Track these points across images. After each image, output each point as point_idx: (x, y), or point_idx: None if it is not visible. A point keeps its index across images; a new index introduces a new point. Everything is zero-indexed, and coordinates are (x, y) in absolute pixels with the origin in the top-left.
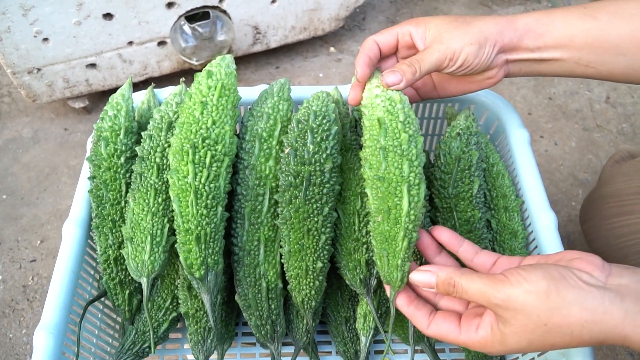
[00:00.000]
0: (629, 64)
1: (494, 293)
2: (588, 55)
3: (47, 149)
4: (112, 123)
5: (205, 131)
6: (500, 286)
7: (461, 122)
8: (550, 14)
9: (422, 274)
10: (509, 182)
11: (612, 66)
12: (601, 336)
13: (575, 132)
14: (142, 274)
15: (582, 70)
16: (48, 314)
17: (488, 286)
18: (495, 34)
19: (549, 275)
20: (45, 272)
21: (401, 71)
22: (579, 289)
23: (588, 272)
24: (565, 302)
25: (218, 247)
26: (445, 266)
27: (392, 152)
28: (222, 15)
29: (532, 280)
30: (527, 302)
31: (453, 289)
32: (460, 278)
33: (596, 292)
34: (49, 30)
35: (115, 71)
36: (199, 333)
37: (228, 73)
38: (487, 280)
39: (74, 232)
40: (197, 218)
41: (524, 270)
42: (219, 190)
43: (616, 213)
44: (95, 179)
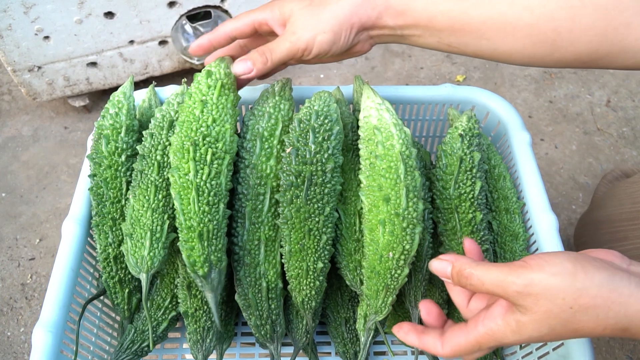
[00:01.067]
0: (492, 48)
1: (514, 279)
2: (449, 37)
3: (46, 148)
4: (113, 121)
5: (206, 129)
6: (520, 272)
7: (463, 124)
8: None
9: (440, 262)
10: (510, 184)
11: (475, 49)
12: (625, 321)
13: (576, 136)
14: (142, 270)
15: (445, 48)
16: (47, 312)
17: (506, 274)
18: (350, 16)
19: (573, 257)
20: (43, 270)
21: (252, 60)
22: (606, 270)
23: (611, 261)
24: (594, 281)
25: (221, 244)
26: (460, 257)
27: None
28: (224, 15)
29: (555, 263)
30: (551, 284)
31: (467, 280)
32: (476, 269)
33: (623, 274)
34: (50, 28)
35: (116, 70)
36: (197, 332)
37: (227, 73)
38: (505, 268)
39: (74, 230)
40: (199, 215)
41: (546, 254)
42: (220, 187)
43: (609, 239)
44: (96, 177)
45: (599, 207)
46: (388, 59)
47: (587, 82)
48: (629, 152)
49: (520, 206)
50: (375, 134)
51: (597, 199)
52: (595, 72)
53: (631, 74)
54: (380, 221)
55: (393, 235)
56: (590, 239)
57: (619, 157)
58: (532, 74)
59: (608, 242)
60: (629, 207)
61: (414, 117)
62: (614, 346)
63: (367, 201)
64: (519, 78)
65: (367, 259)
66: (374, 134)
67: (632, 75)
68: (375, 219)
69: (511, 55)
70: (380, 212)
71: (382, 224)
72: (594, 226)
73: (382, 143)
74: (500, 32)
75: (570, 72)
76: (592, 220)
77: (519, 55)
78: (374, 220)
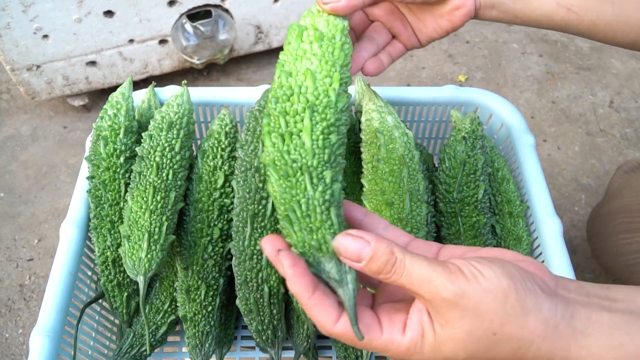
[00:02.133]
0: (615, 14)
1: (447, 284)
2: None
3: (45, 147)
4: (111, 122)
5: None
6: (454, 277)
7: (466, 126)
8: None
9: (353, 241)
10: (514, 187)
11: (596, 15)
12: (545, 358)
13: (579, 137)
14: (139, 272)
15: (563, 14)
16: (44, 316)
17: (439, 274)
18: None
19: (508, 273)
20: (42, 271)
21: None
22: (536, 295)
23: (540, 278)
24: (523, 309)
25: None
26: (385, 238)
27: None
28: (224, 14)
29: (491, 277)
30: (482, 302)
31: (392, 267)
32: (404, 255)
33: (550, 302)
34: (49, 27)
35: (115, 69)
36: (196, 337)
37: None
38: (438, 267)
39: (72, 233)
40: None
41: (479, 263)
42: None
43: (624, 229)
44: (94, 179)
45: (615, 197)
46: None
47: (590, 82)
48: (632, 153)
49: (524, 210)
50: (377, 137)
51: (613, 190)
52: (598, 72)
53: (634, 74)
54: None
55: None
56: (603, 230)
57: (622, 158)
58: (534, 75)
59: (623, 232)
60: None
61: (416, 119)
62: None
63: (370, 205)
64: (521, 78)
65: None
66: (376, 137)
67: (635, 76)
68: None
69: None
70: (383, 217)
71: None
72: (610, 216)
73: (384, 146)
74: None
75: (573, 73)
76: (607, 211)
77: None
78: None
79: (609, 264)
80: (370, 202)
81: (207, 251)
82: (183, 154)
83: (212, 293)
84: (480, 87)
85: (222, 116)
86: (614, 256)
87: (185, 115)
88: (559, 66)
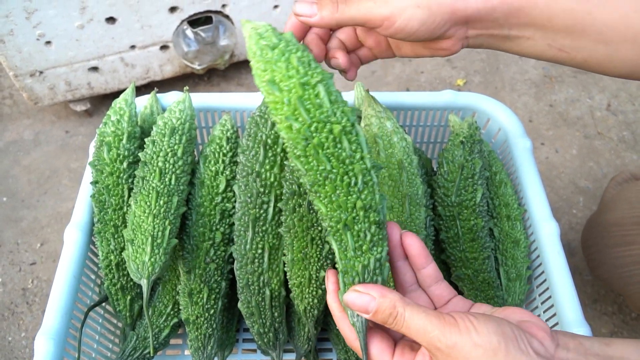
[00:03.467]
0: (608, 54)
1: (440, 337)
2: (564, 38)
3: (48, 152)
4: (115, 128)
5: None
6: (448, 330)
7: (464, 130)
8: None
9: (360, 296)
10: (512, 190)
11: (588, 54)
12: None
13: (576, 140)
14: (142, 275)
15: (554, 54)
16: (49, 319)
17: (435, 326)
18: (456, 1)
19: (501, 331)
20: (45, 275)
21: (319, 4)
22: (527, 355)
23: (539, 340)
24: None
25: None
26: (389, 291)
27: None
28: (225, 20)
29: (483, 333)
30: (472, 355)
31: (394, 320)
32: (405, 309)
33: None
34: (51, 34)
35: (117, 75)
36: (199, 339)
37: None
38: (434, 320)
39: (76, 237)
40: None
41: (475, 318)
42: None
43: (619, 243)
44: (98, 184)
45: (609, 209)
46: (388, 63)
47: (587, 85)
48: (629, 156)
49: (521, 213)
50: (376, 142)
51: (607, 201)
52: (595, 76)
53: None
54: None
55: None
56: (598, 242)
57: (620, 161)
58: (532, 78)
59: (616, 245)
60: (639, 211)
61: (414, 123)
62: None
63: None
64: (519, 82)
65: None
66: (375, 142)
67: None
68: None
69: (625, 65)
70: None
71: None
72: (603, 229)
73: (383, 151)
74: (621, 38)
75: (570, 76)
76: (601, 222)
77: (633, 65)
78: None
79: (605, 276)
80: None
81: (209, 255)
82: (185, 159)
83: (214, 296)
84: (478, 90)
85: (223, 122)
86: (609, 268)
87: (187, 121)
88: (556, 70)
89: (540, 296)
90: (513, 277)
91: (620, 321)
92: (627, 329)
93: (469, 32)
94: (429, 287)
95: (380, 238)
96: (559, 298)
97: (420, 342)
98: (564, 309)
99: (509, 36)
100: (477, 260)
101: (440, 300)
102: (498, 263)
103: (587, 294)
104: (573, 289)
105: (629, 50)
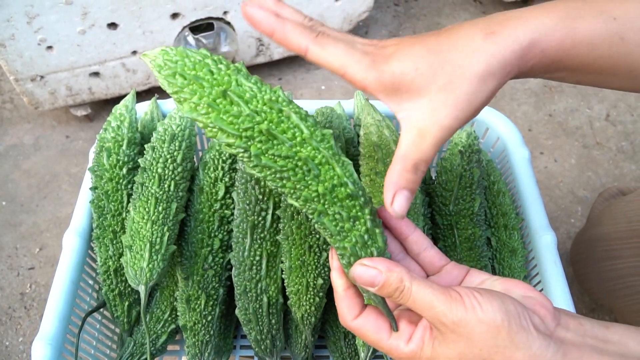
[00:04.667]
0: (630, 86)
1: (446, 312)
2: (595, 78)
3: (48, 157)
4: (115, 134)
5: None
6: (454, 306)
7: (463, 140)
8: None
9: (367, 270)
10: (509, 200)
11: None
12: None
13: (575, 149)
14: (140, 281)
15: (574, 83)
16: (47, 324)
17: (441, 302)
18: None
19: (505, 309)
20: (43, 280)
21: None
22: (528, 332)
23: (540, 317)
24: (513, 343)
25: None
26: (395, 265)
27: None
28: (226, 27)
29: (488, 310)
30: (475, 331)
31: (400, 294)
32: (412, 283)
33: (543, 341)
34: (53, 39)
35: (118, 80)
36: (196, 346)
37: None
38: (440, 295)
39: (75, 242)
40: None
41: (481, 295)
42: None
43: (604, 257)
44: (97, 190)
45: (595, 224)
46: None
47: (587, 96)
48: (628, 167)
49: (519, 222)
50: (375, 151)
51: (594, 217)
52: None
53: None
54: None
55: None
56: (585, 257)
57: (618, 171)
58: (532, 88)
59: (602, 260)
60: (623, 225)
61: None
62: None
63: None
64: (518, 91)
65: None
66: (374, 150)
67: None
68: None
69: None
70: None
71: None
72: (590, 244)
73: (382, 160)
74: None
75: (570, 86)
76: (588, 238)
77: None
78: None
79: (593, 289)
80: None
81: (208, 261)
82: (185, 166)
83: (212, 303)
84: None
85: None
86: (596, 282)
87: (187, 128)
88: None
89: None
90: None
91: None
92: None
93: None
94: (417, 254)
95: (359, 208)
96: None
97: (426, 316)
98: None
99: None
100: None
101: (432, 268)
102: (495, 272)
103: (584, 303)
104: (570, 299)
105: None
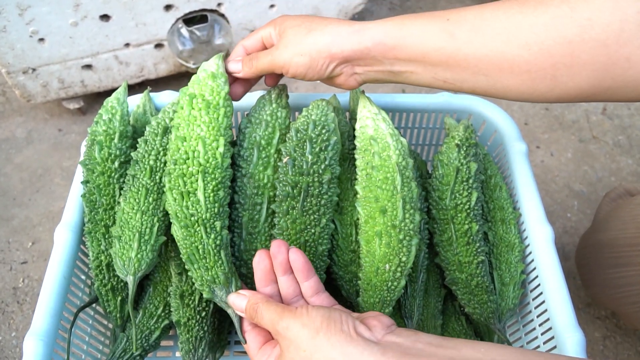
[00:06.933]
0: (490, 84)
1: (279, 320)
2: (444, 72)
3: (40, 150)
4: (106, 127)
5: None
6: (286, 315)
7: (460, 133)
8: (404, 25)
9: (237, 297)
10: (507, 194)
11: (473, 84)
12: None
13: (572, 143)
14: (129, 272)
15: (440, 85)
16: (38, 320)
17: (277, 314)
18: (330, 45)
19: (328, 315)
20: (36, 274)
21: (242, 62)
22: (346, 335)
23: (369, 327)
24: (329, 343)
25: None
26: (258, 293)
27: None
28: (220, 19)
29: (312, 316)
30: (299, 335)
31: (255, 314)
32: (263, 303)
33: (360, 343)
34: (45, 31)
35: (111, 73)
36: (190, 342)
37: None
38: (279, 309)
39: (66, 237)
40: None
41: (312, 306)
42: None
43: (611, 264)
44: (89, 184)
45: (602, 228)
46: None
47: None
48: (624, 161)
49: (516, 217)
50: (371, 145)
51: (600, 219)
52: None
53: None
54: (376, 233)
55: (389, 247)
56: (591, 262)
57: (615, 165)
58: None
59: (610, 266)
60: (632, 231)
61: (410, 126)
62: None
63: (364, 212)
64: None
65: (364, 270)
66: (371, 144)
67: None
68: (371, 230)
69: (510, 91)
70: (376, 224)
71: (379, 235)
72: (597, 248)
73: (378, 154)
74: (497, 69)
75: None
76: (594, 242)
77: (518, 91)
78: (371, 231)
79: (598, 295)
80: (364, 209)
81: None
82: None
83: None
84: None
85: None
86: (601, 288)
87: None
88: None
89: (534, 300)
90: (507, 282)
91: (614, 325)
92: (620, 333)
93: (355, 69)
94: (310, 297)
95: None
96: (553, 303)
97: (271, 331)
98: (557, 313)
99: (393, 71)
100: (471, 264)
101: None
102: (492, 267)
103: (580, 298)
104: (567, 293)
105: (509, 79)
